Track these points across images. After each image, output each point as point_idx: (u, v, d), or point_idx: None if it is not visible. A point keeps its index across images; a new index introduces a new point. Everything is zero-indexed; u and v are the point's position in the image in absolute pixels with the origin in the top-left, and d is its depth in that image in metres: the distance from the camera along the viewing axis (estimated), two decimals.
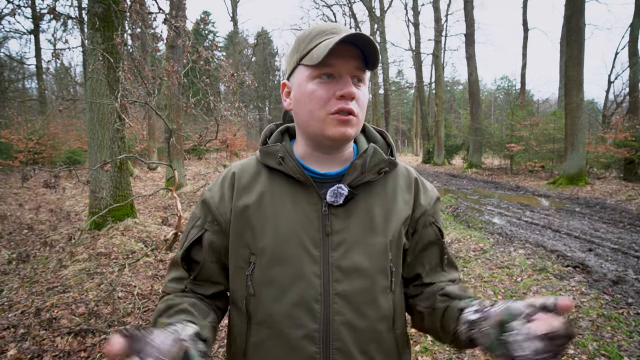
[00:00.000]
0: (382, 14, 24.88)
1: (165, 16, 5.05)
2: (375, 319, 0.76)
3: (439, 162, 21.67)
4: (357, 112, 0.73)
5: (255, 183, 0.80)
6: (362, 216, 0.77)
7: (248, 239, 0.77)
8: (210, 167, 15.29)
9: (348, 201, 0.75)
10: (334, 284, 0.73)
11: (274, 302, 0.74)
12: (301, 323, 0.72)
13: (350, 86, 0.71)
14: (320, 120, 0.72)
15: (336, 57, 0.70)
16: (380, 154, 0.78)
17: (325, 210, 0.75)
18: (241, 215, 0.77)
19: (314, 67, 0.71)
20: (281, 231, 0.75)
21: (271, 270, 0.74)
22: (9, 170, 12.90)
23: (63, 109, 7.53)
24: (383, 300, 0.77)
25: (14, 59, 18.24)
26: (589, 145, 12.26)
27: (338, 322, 0.73)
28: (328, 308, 0.73)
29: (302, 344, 0.72)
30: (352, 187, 0.76)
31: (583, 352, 2.49)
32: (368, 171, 0.76)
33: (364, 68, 0.73)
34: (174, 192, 4.64)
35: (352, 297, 0.73)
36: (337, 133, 0.72)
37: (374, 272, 0.75)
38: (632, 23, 13.16)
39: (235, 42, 24.94)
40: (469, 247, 5.03)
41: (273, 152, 0.78)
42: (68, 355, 2.38)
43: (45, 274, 3.75)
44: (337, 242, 0.75)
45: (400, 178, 0.84)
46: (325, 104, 0.71)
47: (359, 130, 0.76)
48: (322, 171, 0.79)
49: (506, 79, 45.62)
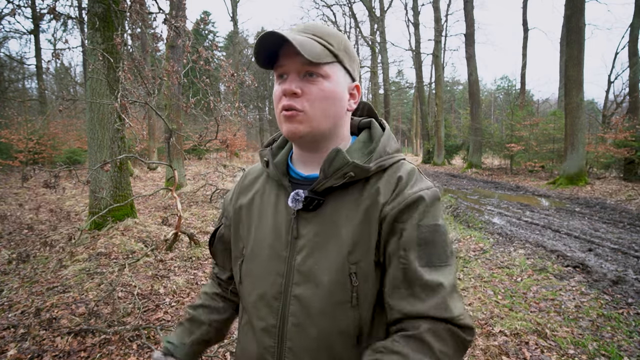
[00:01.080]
0: (382, 14, 24.87)
1: (165, 16, 5.05)
2: (329, 332, 0.71)
3: (439, 162, 21.67)
4: (304, 107, 0.72)
5: (254, 184, 0.89)
6: (326, 223, 0.74)
7: (242, 234, 0.86)
8: (210, 167, 15.28)
9: (317, 206, 0.75)
10: (293, 285, 0.75)
11: (249, 292, 0.81)
12: (263, 316, 0.77)
13: (289, 83, 0.71)
14: (278, 120, 0.76)
15: (284, 56, 0.72)
16: (342, 157, 0.71)
17: (294, 214, 0.76)
18: (238, 212, 0.88)
19: (274, 71, 0.75)
20: (260, 231, 0.82)
21: (249, 264, 0.82)
22: (9, 170, 12.90)
23: (63, 109, 7.53)
24: (340, 313, 0.71)
25: (14, 59, 18.24)
26: (589, 145, 12.26)
27: (292, 323, 0.74)
28: (285, 307, 0.75)
29: (262, 336, 0.77)
30: (318, 192, 0.74)
31: (583, 352, 2.49)
32: (330, 176, 0.72)
33: (314, 63, 0.70)
34: (174, 192, 4.64)
35: (306, 302, 0.73)
36: (286, 130, 0.74)
37: (327, 282, 0.71)
38: (632, 23, 13.16)
39: (235, 42, 24.93)
40: (469, 247, 5.04)
41: (262, 156, 0.85)
42: (68, 355, 2.38)
43: (45, 274, 3.75)
44: (301, 246, 0.75)
45: (384, 182, 0.73)
46: (278, 104, 0.75)
47: (314, 126, 0.73)
48: (306, 173, 0.80)
49: (506, 79, 45.60)
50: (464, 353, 0.67)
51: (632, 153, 11.15)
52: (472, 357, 2.46)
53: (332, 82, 0.73)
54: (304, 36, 0.71)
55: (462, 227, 6.21)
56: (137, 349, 2.48)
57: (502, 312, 3.09)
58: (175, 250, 4.59)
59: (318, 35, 0.73)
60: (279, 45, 0.71)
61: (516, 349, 2.54)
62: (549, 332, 2.73)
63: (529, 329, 2.78)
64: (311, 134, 0.74)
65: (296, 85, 0.71)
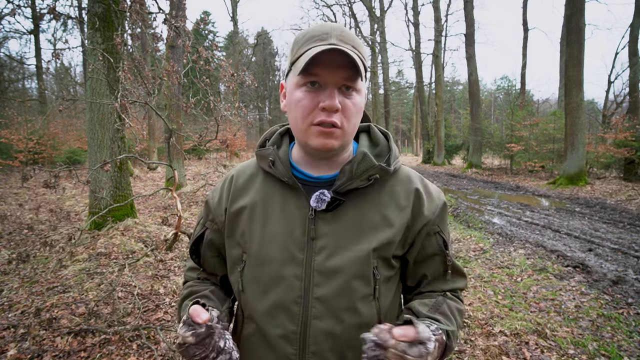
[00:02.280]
0: (382, 14, 24.87)
1: (165, 16, 5.04)
2: (354, 326, 0.74)
3: (439, 162, 21.66)
4: (342, 123, 0.71)
5: (250, 185, 0.83)
6: (349, 222, 0.76)
7: (239, 239, 0.80)
8: (210, 167, 15.28)
9: (336, 206, 0.75)
10: (314, 287, 0.74)
11: (257, 300, 0.77)
12: (280, 323, 0.74)
13: (333, 99, 0.68)
14: (304, 130, 0.73)
15: (322, 66, 0.68)
16: (369, 160, 0.75)
17: (312, 215, 0.75)
18: (234, 216, 0.82)
19: (300, 76, 0.70)
20: (268, 233, 0.77)
21: (256, 269, 0.77)
22: (9, 170, 12.90)
23: (63, 109, 7.52)
24: (364, 307, 0.74)
25: (14, 59, 18.22)
26: (589, 145, 12.26)
27: (316, 326, 0.73)
28: (307, 311, 0.73)
29: (280, 344, 0.74)
30: (340, 193, 0.75)
31: (583, 352, 2.49)
32: (356, 178, 0.74)
33: (354, 76, 0.70)
34: (174, 192, 4.64)
35: (330, 301, 0.73)
36: (319, 144, 0.72)
37: (353, 277, 0.74)
38: (632, 23, 13.15)
39: (235, 42, 24.92)
40: (469, 247, 5.04)
41: (265, 156, 0.80)
42: (68, 355, 2.38)
43: (45, 274, 3.75)
44: (321, 246, 0.75)
45: (399, 185, 0.80)
46: (309, 115, 0.71)
47: (345, 141, 0.74)
48: (316, 174, 0.79)
49: (506, 79, 45.59)
50: None
51: (632, 153, 11.14)
52: (472, 357, 2.46)
53: (361, 96, 0.74)
54: (350, 49, 0.69)
55: (462, 227, 6.21)
56: (137, 349, 2.48)
57: (502, 312, 3.09)
58: (175, 250, 4.59)
59: (356, 47, 0.72)
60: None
61: (516, 349, 2.54)
62: (549, 332, 2.73)
63: (529, 329, 2.77)
64: (341, 147, 0.75)
65: (338, 100, 0.69)
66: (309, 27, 0.77)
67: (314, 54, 0.65)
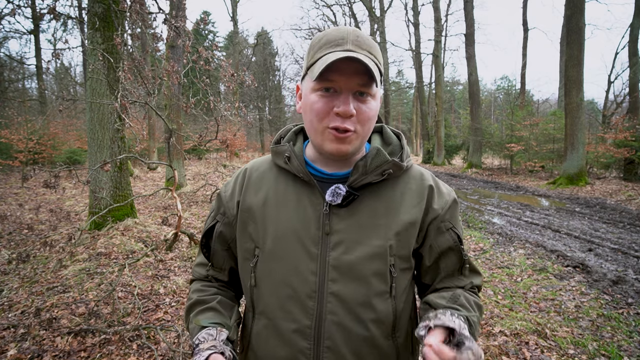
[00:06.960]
0: (382, 14, 24.88)
1: (165, 16, 5.04)
2: (370, 323, 0.74)
3: (438, 162, 21.67)
4: (356, 128, 0.72)
5: (264, 180, 0.84)
6: (364, 217, 0.76)
7: (252, 234, 0.80)
8: (210, 167, 15.28)
9: (350, 202, 0.75)
10: (329, 282, 0.74)
11: (271, 294, 0.77)
12: (294, 317, 0.74)
13: (348, 105, 0.69)
14: (319, 133, 0.74)
15: (337, 72, 0.69)
16: (383, 155, 0.76)
17: (326, 210, 0.75)
18: (247, 210, 0.82)
19: (316, 81, 0.71)
20: (281, 228, 0.77)
21: (270, 264, 0.77)
22: (9, 170, 12.90)
23: (63, 109, 7.53)
24: (380, 304, 0.75)
25: (14, 59, 18.22)
26: (589, 145, 12.27)
27: (330, 321, 0.73)
28: (322, 306, 0.73)
29: (294, 338, 0.74)
30: (355, 188, 0.76)
31: (583, 352, 2.49)
32: (370, 172, 0.75)
33: (369, 83, 0.70)
34: (174, 192, 4.64)
35: (346, 297, 0.73)
36: (333, 149, 0.73)
37: (370, 274, 0.74)
38: (632, 23, 13.16)
39: (235, 42, 24.92)
40: (469, 247, 5.04)
41: (281, 152, 0.81)
42: (68, 355, 2.38)
43: (45, 274, 3.75)
44: (336, 241, 0.75)
45: (412, 182, 0.81)
46: (323, 118, 0.72)
47: (360, 144, 0.75)
48: (330, 171, 0.80)
49: (506, 79, 45.61)
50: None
51: (632, 153, 11.14)
52: None
53: (376, 100, 0.75)
54: (365, 55, 0.70)
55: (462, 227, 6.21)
56: (137, 349, 2.48)
57: (502, 312, 3.09)
58: (175, 250, 4.59)
59: (372, 52, 0.72)
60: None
61: (516, 349, 2.54)
62: (549, 332, 2.73)
63: (529, 329, 2.77)
64: (355, 151, 0.76)
65: (352, 106, 0.70)
66: (325, 30, 0.78)
67: (330, 62, 0.66)
